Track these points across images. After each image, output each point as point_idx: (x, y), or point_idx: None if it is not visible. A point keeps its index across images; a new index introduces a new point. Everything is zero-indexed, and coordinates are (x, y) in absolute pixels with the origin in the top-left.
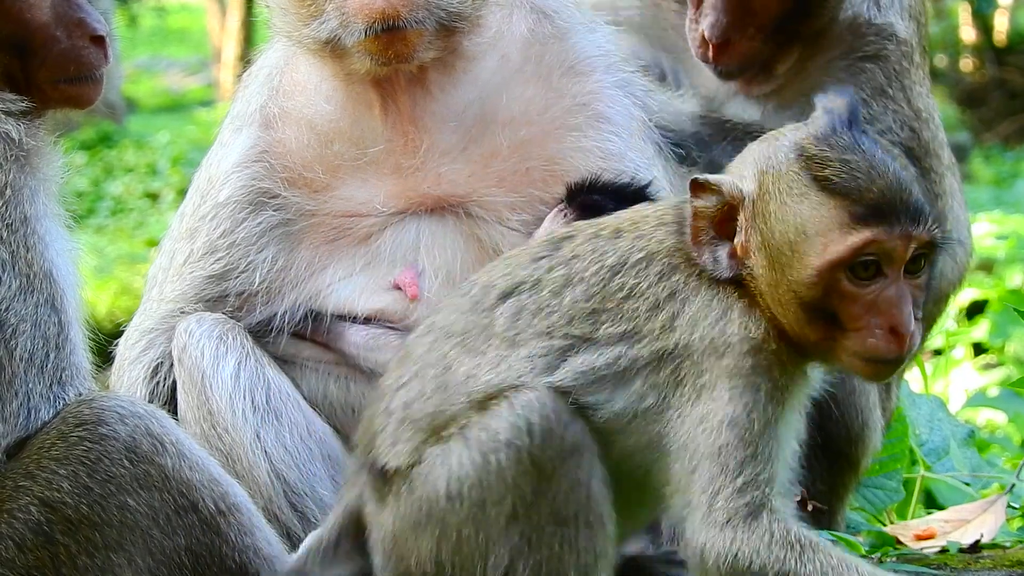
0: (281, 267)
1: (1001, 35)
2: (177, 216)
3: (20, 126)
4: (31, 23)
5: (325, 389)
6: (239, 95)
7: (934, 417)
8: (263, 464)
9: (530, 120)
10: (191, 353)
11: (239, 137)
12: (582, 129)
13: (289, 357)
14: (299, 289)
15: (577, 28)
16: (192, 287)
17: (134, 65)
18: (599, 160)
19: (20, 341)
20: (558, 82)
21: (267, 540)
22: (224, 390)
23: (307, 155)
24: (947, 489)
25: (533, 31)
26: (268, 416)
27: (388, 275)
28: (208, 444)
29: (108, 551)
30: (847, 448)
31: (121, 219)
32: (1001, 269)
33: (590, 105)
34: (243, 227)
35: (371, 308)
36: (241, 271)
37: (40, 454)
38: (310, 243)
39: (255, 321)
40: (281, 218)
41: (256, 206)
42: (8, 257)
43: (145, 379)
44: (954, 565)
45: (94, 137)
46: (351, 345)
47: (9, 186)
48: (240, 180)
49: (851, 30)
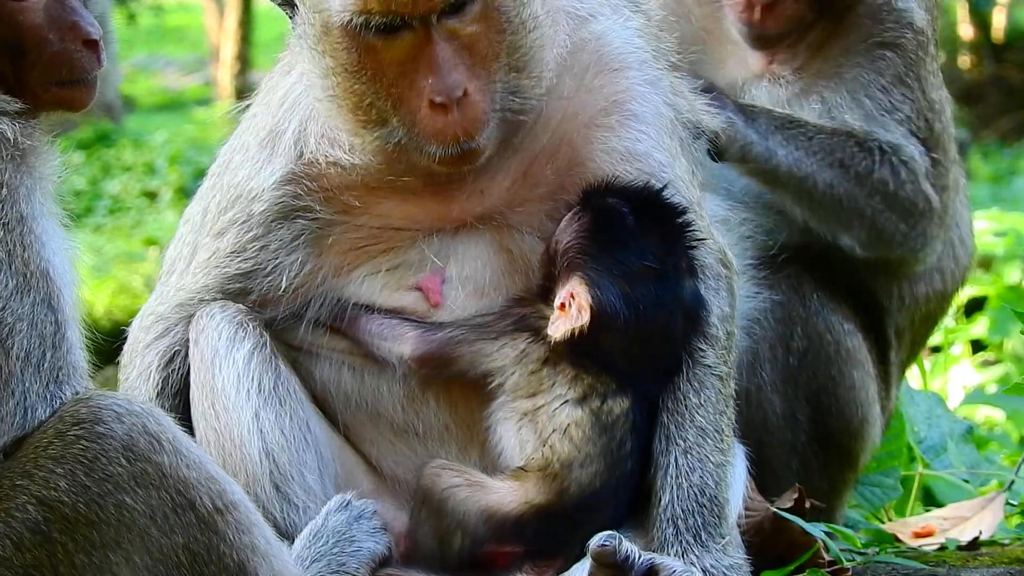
0: (309, 271)
1: (999, 32)
2: (198, 208)
3: (15, 125)
4: (24, 25)
5: (339, 378)
6: (264, 99)
7: (932, 414)
8: (256, 442)
9: (564, 121)
10: (208, 334)
11: (275, 161)
12: (613, 128)
13: (306, 345)
14: (324, 288)
15: (612, 27)
16: (216, 281)
17: (132, 64)
18: (624, 161)
19: (16, 340)
20: (591, 81)
21: (265, 538)
22: (233, 369)
23: (346, 182)
24: (946, 486)
25: (570, 35)
26: (271, 400)
27: (412, 278)
28: (205, 422)
29: (106, 550)
30: (846, 443)
31: (119, 218)
32: (999, 266)
33: (622, 104)
34: (274, 235)
35: (391, 305)
36: (268, 272)
37: (37, 453)
38: (339, 249)
39: (277, 317)
40: (313, 227)
41: (290, 219)
42: (4, 256)
43: (159, 366)
44: (952, 562)
45: (92, 136)
46: (365, 332)
47: (5, 185)
48: (275, 198)
49: (871, 14)
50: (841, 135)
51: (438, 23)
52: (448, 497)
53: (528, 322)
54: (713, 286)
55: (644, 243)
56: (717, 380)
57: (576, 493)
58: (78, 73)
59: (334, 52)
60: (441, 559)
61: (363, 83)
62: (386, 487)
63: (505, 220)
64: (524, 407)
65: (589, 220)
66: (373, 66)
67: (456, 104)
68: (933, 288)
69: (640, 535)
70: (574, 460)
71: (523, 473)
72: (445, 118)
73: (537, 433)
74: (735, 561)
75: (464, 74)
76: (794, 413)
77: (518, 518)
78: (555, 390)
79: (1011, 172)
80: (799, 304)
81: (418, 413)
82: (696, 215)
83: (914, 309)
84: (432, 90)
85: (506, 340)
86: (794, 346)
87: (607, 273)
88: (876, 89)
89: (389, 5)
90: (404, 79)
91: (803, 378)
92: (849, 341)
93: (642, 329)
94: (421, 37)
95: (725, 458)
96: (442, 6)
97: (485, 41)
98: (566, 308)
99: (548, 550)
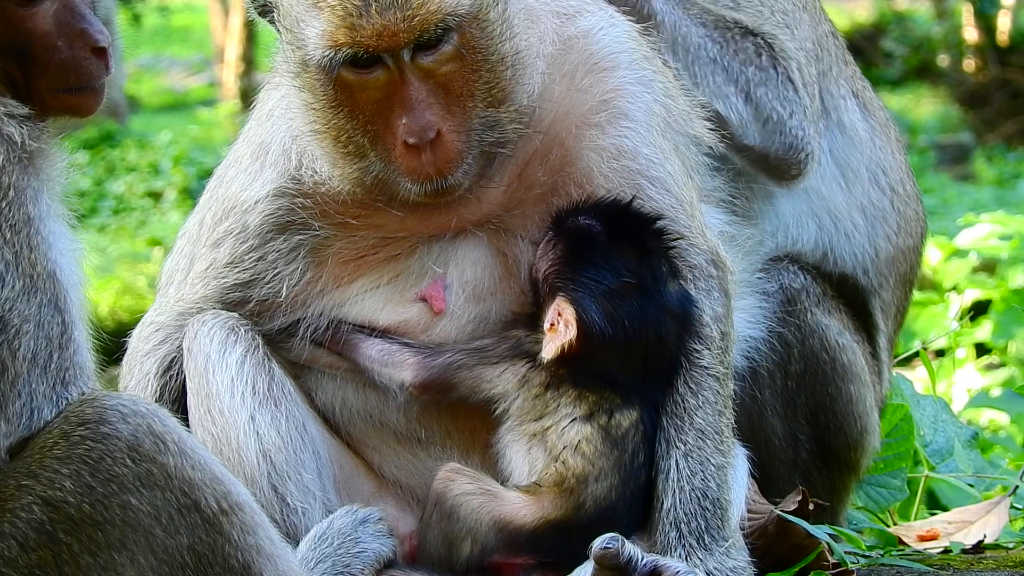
0: (309, 279)
1: (1004, 35)
2: (195, 221)
3: (23, 128)
4: (33, 32)
5: (344, 396)
6: (257, 114)
7: (938, 419)
8: (253, 444)
9: (556, 122)
10: (201, 340)
11: (265, 172)
12: (602, 126)
13: (307, 363)
14: (324, 300)
15: (599, 23)
16: (215, 291)
17: (137, 64)
18: (613, 159)
19: (23, 341)
20: (581, 81)
21: (270, 539)
22: (227, 373)
23: (339, 198)
24: (951, 490)
25: (558, 33)
26: (267, 402)
27: (415, 287)
28: (202, 427)
29: (110, 550)
30: (847, 455)
31: (123, 218)
32: (1004, 270)
33: (611, 102)
34: (271, 245)
35: (394, 320)
36: (267, 282)
37: (43, 453)
38: (339, 259)
39: (275, 327)
40: (311, 239)
41: (287, 232)
42: (12, 258)
43: (158, 374)
44: (957, 566)
45: (96, 136)
46: (365, 359)
47: (12, 187)
48: (269, 210)
49: None
50: (712, 12)
51: (412, 62)
52: (461, 504)
53: (525, 347)
54: (704, 287)
55: (619, 260)
56: (714, 381)
57: (592, 507)
58: (86, 80)
59: (312, 88)
60: (448, 564)
61: (341, 119)
62: (388, 490)
63: (502, 224)
64: (532, 429)
65: (563, 245)
66: (349, 103)
67: (429, 145)
68: (903, 242)
69: (642, 537)
70: (589, 475)
71: (538, 488)
72: (419, 158)
73: (548, 451)
74: (738, 564)
75: (438, 114)
76: (795, 433)
77: (533, 531)
78: (561, 410)
79: (1016, 176)
80: (795, 328)
81: (420, 420)
82: (687, 215)
83: (889, 271)
84: (405, 131)
85: (506, 365)
86: (792, 369)
87: (588, 294)
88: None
89: (356, 37)
90: (380, 117)
91: (802, 399)
92: (844, 356)
93: (634, 343)
94: (395, 76)
95: (726, 459)
96: (408, 42)
97: (460, 80)
98: (555, 327)
99: (560, 562)
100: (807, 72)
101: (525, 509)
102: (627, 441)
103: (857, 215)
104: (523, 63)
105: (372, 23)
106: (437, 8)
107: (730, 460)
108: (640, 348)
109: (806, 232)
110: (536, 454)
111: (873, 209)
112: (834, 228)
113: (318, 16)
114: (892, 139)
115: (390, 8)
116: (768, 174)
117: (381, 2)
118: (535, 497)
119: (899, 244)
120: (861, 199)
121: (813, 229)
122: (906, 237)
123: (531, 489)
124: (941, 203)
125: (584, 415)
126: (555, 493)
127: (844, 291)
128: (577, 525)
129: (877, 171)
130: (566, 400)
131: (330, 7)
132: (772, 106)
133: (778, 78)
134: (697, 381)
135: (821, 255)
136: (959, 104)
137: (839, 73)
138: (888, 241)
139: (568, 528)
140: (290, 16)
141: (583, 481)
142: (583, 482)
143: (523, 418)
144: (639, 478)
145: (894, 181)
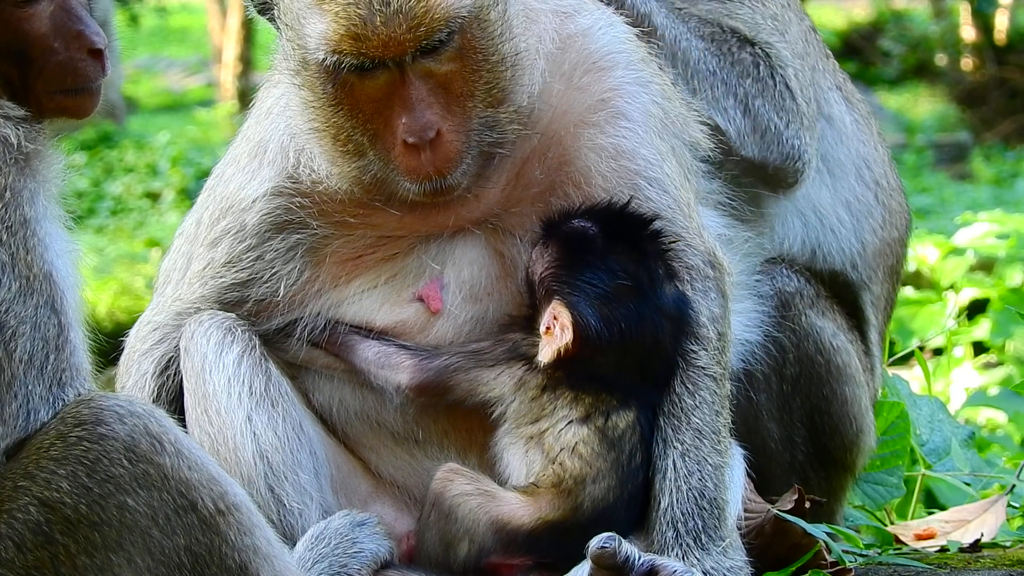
0: (306, 279)
1: (1001, 34)
2: (192, 220)
3: (19, 130)
4: (30, 33)
5: (341, 396)
6: (255, 113)
7: (935, 418)
8: (250, 444)
9: (554, 121)
10: (198, 341)
11: (263, 171)
12: (600, 126)
13: (304, 364)
14: (321, 300)
15: (597, 23)
16: (213, 291)
17: (134, 65)
18: (611, 159)
19: (20, 343)
20: (579, 80)
21: (267, 539)
22: (223, 374)
23: (336, 199)
24: (948, 489)
25: (557, 31)
26: (263, 402)
27: (412, 287)
28: (199, 427)
29: (107, 551)
30: (842, 456)
31: (121, 219)
32: (1002, 268)
33: (609, 101)
34: (269, 245)
35: (391, 320)
36: (265, 281)
37: (39, 454)
38: (337, 259)
39: (273, 327)
40: (309, 239)
41: (285, 231)
42: (8, 260)
43: (155, 373)
44: (954, 564)
45: (94, 137)
46: (362, 360)
47: (8, 189)
48: (267, 209)
49: None
50: (709, 23)
51: (413, 62)
52: (459, 504)
53: (521, 351)
54: (700, 288)
55: (615, 262)
56: (711, 381)
57: (590, 508)
58: (82, 82)
59: (312, 86)
60: (445, 564)
61: (340, 117)
62: (385, 489)
63: (500, 223)
64: (529, 432)
65: (558, 248)
66: (349, 102)
67: (429, 145)
68: (889, 235)
69: (640, 537)
70: (586, 476)
71: (535, 489)
72: (418, 157)
73: (545, 453)
74: (736, 563)
75: (438, 113)
76: (791, 436)
77: (531, 532)
78: (557, 413)
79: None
80: (790, 332)
81: (418, 421)
82: (684, 215)
83: (877, 265)
84: (405, 130)
85: (503, 368)
86: (787, 373)
87: (584, 298)
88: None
89: (361, 47)
90: (379, 116)
91: (797, 402)
92: (839, 358)
93: (630, 345)
94: (396, 76)
95: (723, 459)
96: (414, 48)
97: (461, 80)
98: (551, 331)
99: (558, 563)
100: (803, 76)
101: (523, 510)
102: (624, 442)
103: (842, 210)
104: (523, 63)
105: (378, 34)
106: (441, 14)
107: (727, 460)
108: (636, 350)
109: (792, 230)
110: (533, 456)
111: (858, 204)
112: (820, 224)
113: (321, 17)
114: (874, 132)
115: (395, 17)
116: (765, 183)
117: (386, 12)
118: (533, 498)
119: (885, 237)
120: (846, 195)
121: (799, 227)
122: (891, 229)
123: (529, 490)
124: (939, 202)
125: (581, 417)
126: (553, 494)
127: (835, 288)
128: (575, 526)
129: (861, 165)
130: (563, 402)
131: (334, 13)
132: (769, 117)
133: (775, 88)
134: (694, 381)
135: (810, 253)
136: (957, 103)
137: (824, 67)
138: (874, 235)
139: (566, 529)
140: (291, 13)
141: (580, 482)
142: (580, 483)
143: (520, 421)
144: (636, 479)
145: (878, 174)
